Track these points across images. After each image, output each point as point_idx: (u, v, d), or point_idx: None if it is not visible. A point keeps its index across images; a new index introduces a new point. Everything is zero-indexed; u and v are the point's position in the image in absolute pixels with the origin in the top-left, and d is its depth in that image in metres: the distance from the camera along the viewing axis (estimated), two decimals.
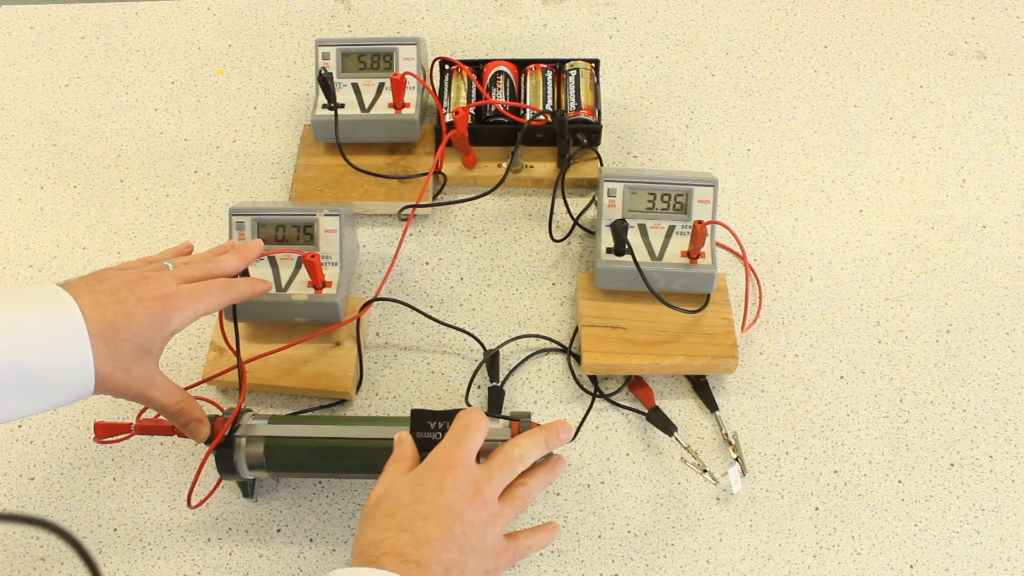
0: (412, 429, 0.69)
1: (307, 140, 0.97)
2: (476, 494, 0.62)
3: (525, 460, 0.66)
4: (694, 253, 0.82)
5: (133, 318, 0.62)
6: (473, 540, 0.61)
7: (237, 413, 0.71)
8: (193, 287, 0.67)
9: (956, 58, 1.06)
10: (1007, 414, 0.82)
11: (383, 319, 0.88)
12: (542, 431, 0.68)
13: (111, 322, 0.61)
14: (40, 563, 0.76)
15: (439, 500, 0.61)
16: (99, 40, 1.10)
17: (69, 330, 0.59)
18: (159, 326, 0.63)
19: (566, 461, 0.70)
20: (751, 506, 0.77)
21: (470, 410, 0.68)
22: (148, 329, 0.62)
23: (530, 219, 0.94)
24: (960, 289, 0.89)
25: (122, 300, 0.62)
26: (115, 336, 0.61)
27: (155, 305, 0.63)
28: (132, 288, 0.63)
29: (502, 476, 0.64)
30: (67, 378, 0.59)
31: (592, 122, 0.93)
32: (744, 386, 0.83)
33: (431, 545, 0.59)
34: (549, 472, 0.68)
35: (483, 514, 0.62)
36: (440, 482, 0.62)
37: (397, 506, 0.62)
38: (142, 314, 0.62)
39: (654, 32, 1.09)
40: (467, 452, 0.65)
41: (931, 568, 0.75)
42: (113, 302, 0.62)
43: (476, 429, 0.66)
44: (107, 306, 0.61)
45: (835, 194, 0.95)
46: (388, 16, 1.10)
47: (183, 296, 0.65)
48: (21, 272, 0.92)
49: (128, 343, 0.62)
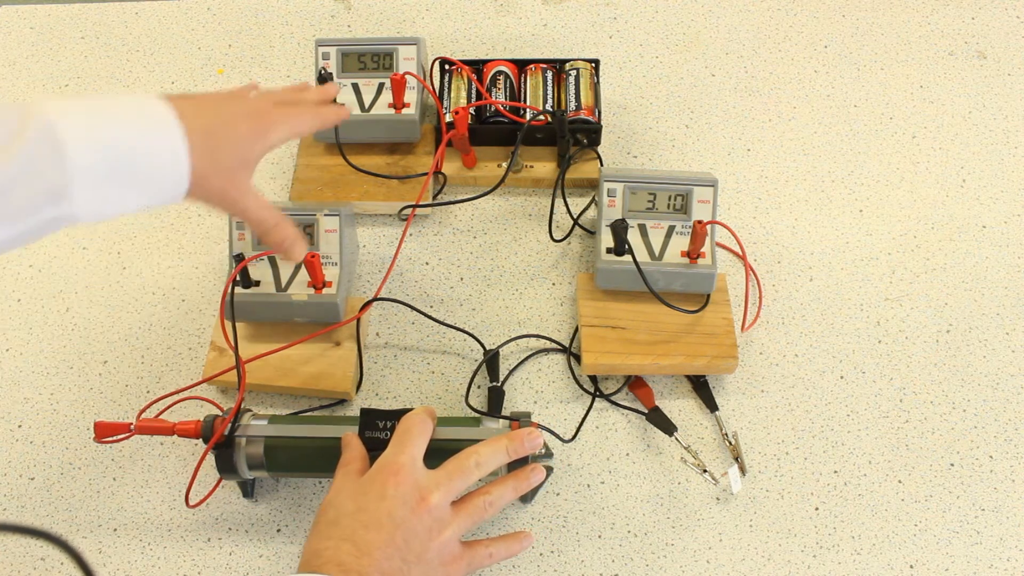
0: (361, 429, 0.69)
1: (307, 140, 0.97)
2: (420, 502, 0.62)
3: (482, 468, 0.65)
4: (694, 253, 0.82)
5: (233, 127, 0.63)
6: (417, 548, 0.61)
7: (236, 412, 0.71)
8: (287, 109, 0.69)
9: (956, 58, 1.06)
10: (1007, 414, 0.82)
11: (383, 319, 0.88)
12: (504, 439, 0.67)
13: (211, 127, 0.62)
14: (40, 563, 0.76)
15: (381, 509, 0.61)
16: (99, 40, 1.10)
17: (163, 121, 0.59)
18: (259, 137, 0.65)
19: (544, 472, 0.69)
20: (751, 506, 0.77)
21: (412, 413, 0.68)
22: (248, 139, 0.64)
23: (530, 219, 0.94)
24: (960, 289, 0.89)
25: (222, 111, 0.64)
26: (214, 139, 0.62)
27: (254, 120, 0.65)
28: (231, 103, 0.65)
29: (451, 484, 0.63)
30: (162, 168, 0.59)
31: (592, 122, 0.93)
32: (744, 386, 0.83)
33: (371, 555, 0.59)
34: (520, 481, 0.67)
35: (427, 521, 0.62)
36: (382, 491, 0.62)
37: (340, 515, 0.62)
38: (242, 124, 0.64)
39: (654, 32, 1.09)
40: (410, 457, 0.64)
41: (931, 568, 0.75)
42: (214, 109, 0.63)
43: (418, 433, 0.66)
44: (208, 113, 0.62)
45: (835, 194, 0.95)
46: (388, 16, 1.10)
47: (279, 115, 0.67)
48: (21, 272, 0.92)
49: (228, 148, 0.62)
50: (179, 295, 0.90)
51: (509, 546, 0.68)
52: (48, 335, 0.88)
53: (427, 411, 0.69)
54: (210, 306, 0.89)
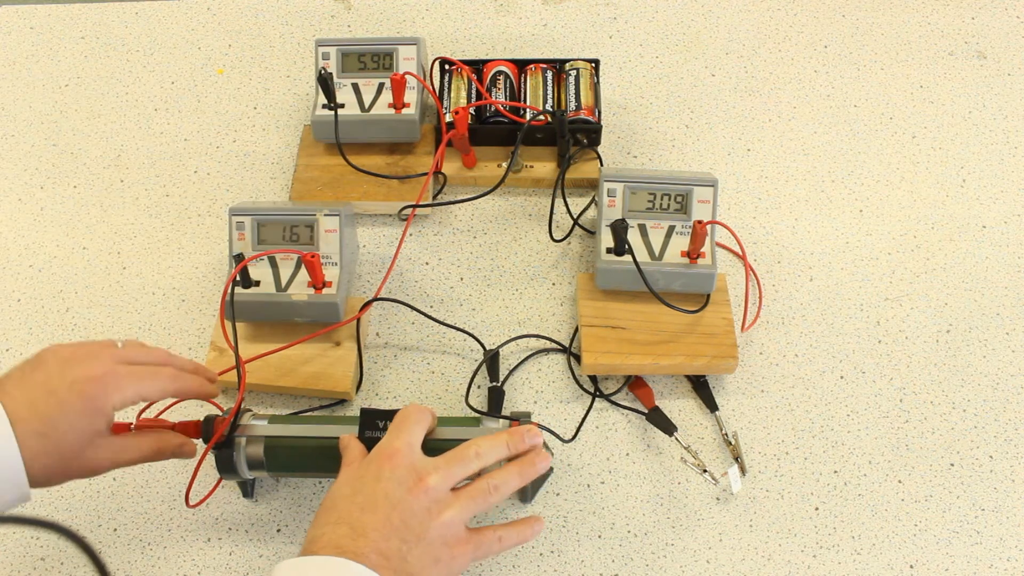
0: (361, 429, 0.70)
1: (307, 140, 0.97)
2: (417, 482, 0.62)
3: (482, 458, 0.65)
4: (694, 253, 0.82)
5: (67, 406, 0.61)
6: (416, 529, 0.61)
7: (236, 412, 0.71)
8: (134, 368, 0.65)
9: (956, 58, 1.06)
10: (1007, 414, 0.82)
11: (383, 319, 0.88)
12: (505, 435, 0.67)
13: (47, 416, 0.60)
14: (40, 563, 0.76)
15: (377, 491, 0.61)
16: (99, 40, 1.10)
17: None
18: (96, 408, 0.62)
19: (549, 457, 0.69)
20: (751, 506, 0.77)
21: (410, 404, 0.68)
22: (85, 414, 0.61)
23: (530, 219, 0.94)
24: (960, 289, 0.89)
25: (53, 390, 0.61)
26: (55, 430, 0.60)
27: (88, 387, 0.61)
28: (64, 372, 0.62)
29: (450, 469, 0.63)
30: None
31: (592, 122, 0.93)
32: (744, 386, 0.83)
33: (368, 536, 0.59)
34: (525, 467, 0.67)
35: (425, 502, 0.62)
36: (378, 473, 0.62)
37: (336, 500, 0.62)
38: (75, 400, 0.61)
39: (654, 32, 1.09)
40: (406, 443, 0.64)
41: (931, 568, 0.75)
42: (45, 394, 0.60)
43: (415, 421, 0.66)
44: (39, 401, 0.60)
45: (835, 194, 0.95)
46: (388, 16, 1.10)
47: (120, 376, 0.63)
48: (21, 272, 0.92)
49: (70, 433, 0.61)
50: (179, 295, 0.90)
51: (520, 531, 0.67)
52: (48, 335, 0.88)
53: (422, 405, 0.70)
54: (210, 306, 0.89)
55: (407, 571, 0.59)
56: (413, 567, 0.60)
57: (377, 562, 0.58)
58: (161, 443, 0.68)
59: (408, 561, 0.60)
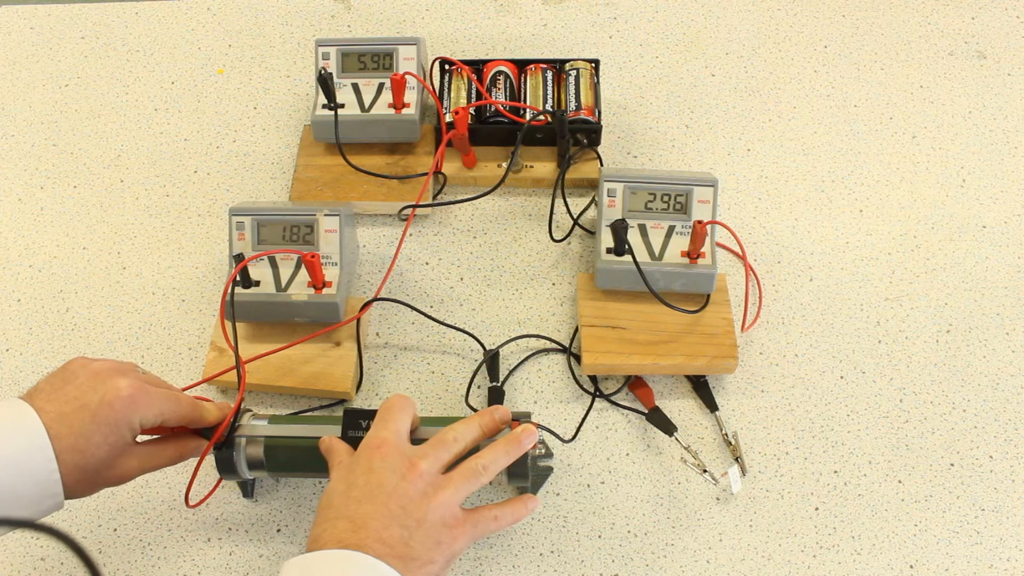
0: (344, 429, 0.70)
1: (307, 140, 0.97)
2: (410, 468, 0.62)
3: (460, 442, 0.66)
4: (694, 253, 0.82)
5: (99, 421, 0.62)
6: (415, 514, 0.61)
7: (235, 412, 0.71)
8: (161, 390, 0.67)
9: (956, 58, 1.06)
10: (1007, 414, 0.82)
11: (383, 319, 0.88)
12: (476, 416, 0.68)
13: (81, 432, 0.61)
14: (40, 563, 0.76)
15: (371, 481, 0.62)
16: (99, 40, 1.10)
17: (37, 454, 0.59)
18: (127, 424, 0.63)
19: (536, 433, 0.69)
20: (751, 506, 0.77)
21: (392, 395, 0.68)
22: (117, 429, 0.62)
23: (530, 219, 0.94)
24: (960, 289, 0.89)
25: (86, 404, 0.62)
26: (88, 444, 0.61)
27: (119, 403, 0.63)
28: (96, 387, 0.63)
29: (436, 453, 0.64)
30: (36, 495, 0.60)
31: (592, 122, 0.93)
32: (744, 386, 0.83)
33: (368, 527, 0.59)
34: (511, 444, 0.67)
35: (420, 486, 0.62)
36: (368, 464, 0.63)
37: (332, 497, 0.62)
38: (107, 415, 0.62)
39: (654, 32, 1.09)
40: (393, 431, 0.65)
41: (931, 568, 0.75)
42: (78, 408, 0.62)
43: (399, 410, 0.66)
44: (72, 416, 0.61)
45: (835, 194, 0.95)
46: (388, 16, 1.10)
47: (152, 394, 0.65)
48: (21, 272, 0.92)
49: (103, 447, 0.62)
50: (179, 295, 0.90)
51: (515, 510, 0.67)
52: (48, 335, 0.88)
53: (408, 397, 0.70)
54: (210, 306, 0.89)
55: (410, 556, 0.59)
56: (416, 551, 0.60)
57: (380, 551, 0.58)
58: (183, 447, 0.70)
59: (411, 546, 0.60)
